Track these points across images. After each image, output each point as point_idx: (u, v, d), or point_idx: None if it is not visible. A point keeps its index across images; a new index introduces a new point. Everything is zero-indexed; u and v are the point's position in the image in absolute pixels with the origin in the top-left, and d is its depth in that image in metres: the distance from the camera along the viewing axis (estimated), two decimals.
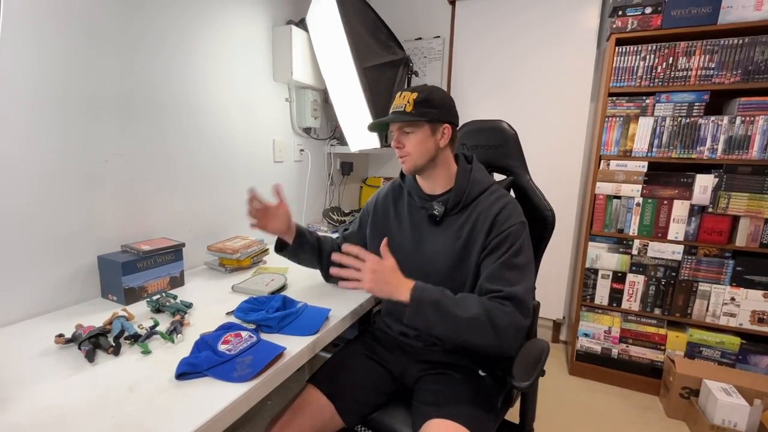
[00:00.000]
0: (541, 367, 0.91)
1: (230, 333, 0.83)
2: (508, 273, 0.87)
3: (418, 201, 1.03)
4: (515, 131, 1.16)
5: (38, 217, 0.98)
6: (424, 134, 0.94)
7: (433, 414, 0.84)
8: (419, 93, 0.93)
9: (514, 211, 0.93)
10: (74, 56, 1.02)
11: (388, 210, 1.09)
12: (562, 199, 2.13)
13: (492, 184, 0.99)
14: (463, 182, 0.97)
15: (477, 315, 0.81)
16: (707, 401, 1.55)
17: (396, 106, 0.95)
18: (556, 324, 2.31)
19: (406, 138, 0.95)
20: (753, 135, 1.58)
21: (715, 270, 1.70)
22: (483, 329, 0.81)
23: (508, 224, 0.90)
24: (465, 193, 0.96)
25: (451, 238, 0.96)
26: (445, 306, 0.82)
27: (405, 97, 0.93)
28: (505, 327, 0.81)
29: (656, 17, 1.64)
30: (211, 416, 0.62)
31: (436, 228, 0.98)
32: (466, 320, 0.81)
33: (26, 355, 0.79)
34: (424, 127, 0.94)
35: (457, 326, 0.82)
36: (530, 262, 0.92)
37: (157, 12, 1.22)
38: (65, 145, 1.02)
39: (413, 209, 1.04)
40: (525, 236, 0.92)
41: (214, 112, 1.47)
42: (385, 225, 1.08)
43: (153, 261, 1.11)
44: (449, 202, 0.97)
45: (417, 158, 0.95)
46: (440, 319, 0.82)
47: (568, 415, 1.71)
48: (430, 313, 0.82)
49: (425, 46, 2.38)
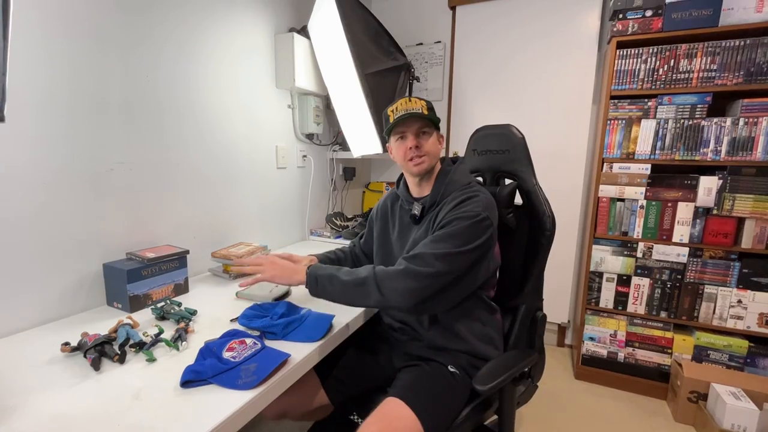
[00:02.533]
0: (510, 375, 0.92)
1: (235, 340, 0.84)
2: (429, 246, 0.90)
3: (405, 204, 1.11)
4: (523, 135, 1.16)
5: (44, 225, 0.98)
6: (436, 137, 1.03)
7: (392, 394, 0.90)
8: (426, 102, 1.00)
9: (477, 205, 0.93)
10: (79, 64, 1.03)
11: (387, 215, 1.17)
12: (565, 202, 2.13)
13: (469, 183, 1.03)
14: (440, 183, 1.03)
15: (365, 277, 0.90)
16: (716, 405, 1.53)
17: (411, 108, 0.98)
18: (561, 328, 2.30)
19: (423, 138, 1.01)
20: (757, 136, 1.57)
21: (722, 272, 1.68)
22: (369, 288, 0.89)
23: (462, 210, 0.93)
24: (440, 194, 1.02)
25: (424, 231, 1.01)
26: (338, 277, 0.93)
27: (416, 102, 0.99)
28: (391, 284, 0.88)
29: (657, 20, 1.64)
30: (217, 424, 0.62)
31: (416, 226, 1.06)
32: (354, 283, 0.91)
33: (32, 364, 0.79)
34: (434, 133, 1.02)
35: (347, 291, 0.92)
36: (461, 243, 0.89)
37: (160, 19, 1.23)
38: (71, 153, 1.03)
39: (403, 212, 1.12)
40: (471, 224, 0.90)
41: (217, 120, 1.48)
42: (385, 229, 1.16)
43: (158, 268, 1.12)
44: (427, 201, 1.03)
45: (433, 158, 1.02)
46: (335, 288, 0.93)
47: (574, 420, 1.69)
48: (327, 284, 0.94)
49: (426, 52, 2.39)
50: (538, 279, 1.12)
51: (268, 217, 1.80)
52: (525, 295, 1.10)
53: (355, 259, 1.29)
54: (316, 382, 1.09)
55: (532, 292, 1.11)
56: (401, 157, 1.03)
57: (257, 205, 1.73)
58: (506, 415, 1.00)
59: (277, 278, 0.98)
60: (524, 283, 1.11)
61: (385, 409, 0.86)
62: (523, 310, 1.10)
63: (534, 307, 1.12)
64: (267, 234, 1.79)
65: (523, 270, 1.13)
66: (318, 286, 0.95)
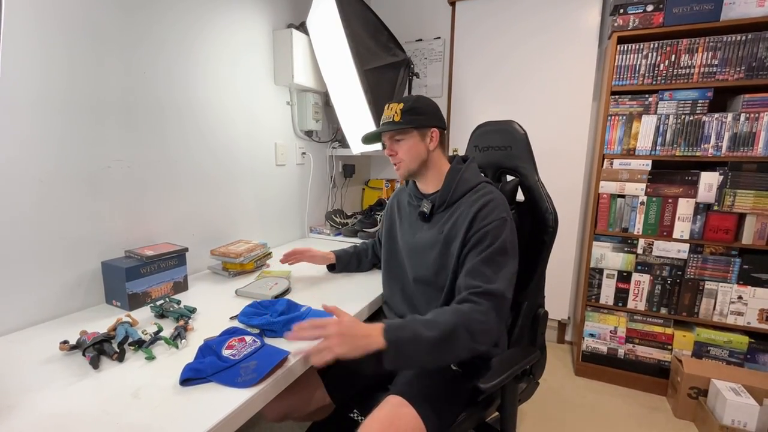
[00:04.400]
0: (512, 372, 0.91)
1: (234, 338, 0.83)
2: (487, 268, 0.88)
3: (414, 200, 1.10)
4: (525, 131, 1.15)
5: (42, 223, 0.98)
6: (414, 140, 1.00)
7: (393, 392, 0.89)
8: (405, 103, 0.99)
9: (496, 208, 0.93)
10: (76, 61, 1.02)
11: (394, 211, 1.18)
12: (565, 198, 2.13)
13: (479, 183, 1.01)
14: (451, 181, 1.01)
15: (454, 325, 0.79)
16: (716, 401, 1.53)
17: (385, 117, 1.01)
18: (561, 324, 2.30)
19: (397, 145, 1.02)
20: (758, 132, 1.56)
21: (722, 268, 1.68)
22: (461, 339, 0.79)
23: (489, 220, 0.91)
24: (451, 192, 1.00)
25: (435, 233, 1.00)
26: (421, 334, 0.78)
27: (392, 108, 1.00)
28: (482, 330, 0.81)
29: (658, 15, 1.63)
30: (216, 422, 0.61)
31: (426, 224, 1.04)
32: (442, 337, 0.78)
33: (31, 362, 0.79)
34: (413, 134, 1.00)
35: (434, 349, 0.78)
36: (511, 257, 0.91)
37: (157, 16, 1.22)
38: (68, 151, 1.02)
39: (411, 208, 1.11)
40: (507, 232, 0.92)
41: (215, 117, 1.47)
42: (392, 224, 1.17)
43: (156, 266, 1.11)
44: (437, 199, 1.02)
45: (410, 163, 1.02)
46: (419, 348, 0.78)
47: (575, 416, 1.69)
48: (410, 347, 0.77)
49: (426, 48, 2.38)
50: (540, 276, 1.12)
51: (267, 214, 1.79)
52: (527, 292, 1.10)
53: (375, 253, 1.37)
54: (317, 381, 1.08)
55: (534, 289, 1.11)
56: None
57: (256, 203, 1.72)
58: (508, 412, 1.00)
59: (350, 353, 0.75)
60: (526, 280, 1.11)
61: (386, 406, 0.85)
62: (525, 307, 1.09)
63: (536, 304, 1.12)
64: (266, 231, 1.79)
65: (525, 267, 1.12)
66: (400, 355, 0.76)
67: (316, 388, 1.07)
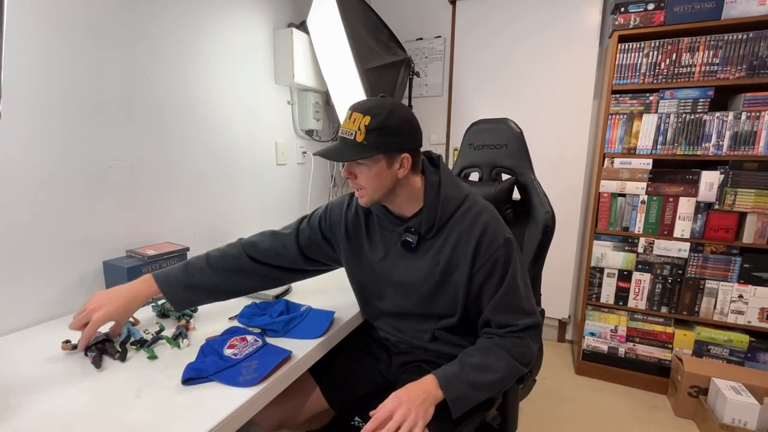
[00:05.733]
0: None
1: (236, 337, 0.84)
2: (514, 299, 0.85)
3: (388, 224, 0.92)
4: (520, 129, 1.15)
5: (43, 223, 0.98)
6: (379, 167, 0.79)
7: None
8: (372, 117, 0.76)
9: (496, 228, 0.85)
10: (76, 60, 1.02)
11: (361, 232, 0.96)
12: (566, 197, 2.13)
13: (465, 197, 0.88)
14: (434, 202, 0.85)
15: (508, 368, 0.81)
16: (716, 400, 1.53)
17: (345, 131, 0.79)
18: (561, 323, 2.30)
19: (357, 169, 0.81)
20: (759, 130, 1.56)
21: (723, 267, 1.68)
22: (515, 373, 0.83)
23: (494, 246, 0.83)
24: (437, 216, 0.85)
25: (429, 264, 0.87)
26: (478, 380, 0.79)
27: (356, 120, 0.77)
28: (528, 358, 0.85)
29: (659, 13, 1.62)
30: (218, 421, 0.62)
31: (412, 255, 0.89)
32: (502, 379, 0.81)
33: (33, 362, 0.79)
34: (379, 159, 0.79)
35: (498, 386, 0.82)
36: (525, 274, 0.90)
37: (158, 15, 1.22)
38: (69, 151, 1.02)
39: (385, 232, 0.93)
40: (514, 251, 0.86)
41: (216, 116, 1.47)
42: (359, 249, 0.96)
43: (158, 266, 1.12)
44: (422, 226, 0.86)
45: (373, 192, 0.83)
46: (482, 392, 0.79)
47: (575, 415, 1.70)
48: (471, 395, 0.78)
49: (426, 47, 2.37)
50: (538, 275, 1.12)
51: (267, 213, 1.79)
52: None
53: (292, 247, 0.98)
54: (313, 386, 1.01)
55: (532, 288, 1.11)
56: None
57: (257, 202, 1.72)
58: (510, 412, 1.00)
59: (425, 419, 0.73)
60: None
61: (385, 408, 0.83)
62: None
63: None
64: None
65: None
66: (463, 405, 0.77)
67: (313, 394, 1.00)
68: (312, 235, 0.98)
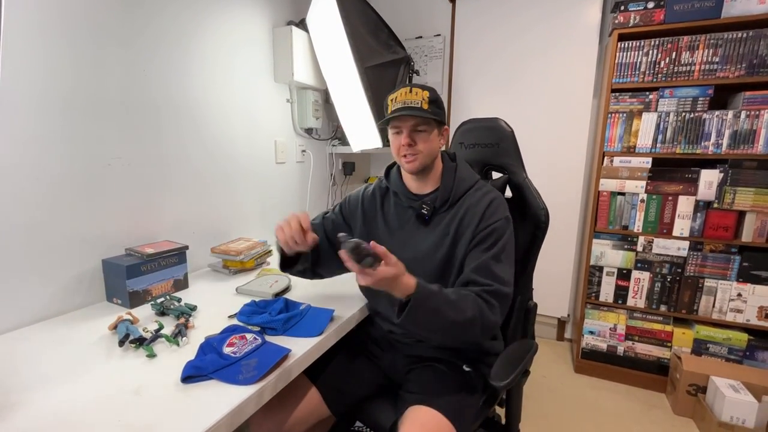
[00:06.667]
0: (522, 368, 0.92)
1: (235, 335, 0.83)
2: (497, 267, 0.88)
3: (404, 201, 1.01)
4: (512, 129, 1.16)
5: (42, 221, 0.98)
6: (434, 134, 0.94)
7: (416, 401, 0.87)
8: (429, 92, 0.91)
9: (500, 206, 0.94)
10: (75, 58, 1.02)
11: (375, 211, 1.06)
12: (565, 196, 2.13)
13: (477, 181, 1.00)
14: (450, 180, 0.98)
15: (473, 317, 0.81)
16: (715, 398, 1.54)
17: (409, 100, 0.90)
18: (560, 322, 2.30)
19: (419, 136, 0.92)
20: (758, 129, 1.56)
21: (722, 266, 1.68)
22: (473, 329, 0.83)
23: (495, 218, 0.92)
24: (452, 191, 0.96)
25: (440, 235, 0.95)
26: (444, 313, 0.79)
27: (418, 93, 0.90)
28: (489, 326, 0.85)
29: (659, 12, 1.62)
30: (218, 419, 0.62)
31: (425, 227, 0.98)
32: (461, 325, 0.81)
33: (32, 360, 0.79)
34: (434, 127, 0.94)
35: (449, 330, 0.82)
36: (512, 257, 0.94)
37: (156, 12, 1.22)
38: (67, 149, 1.02)
39: (399, 209, 1.03)
40: (509, 232, 0.93)
41: (215, 114, 1.47)
42: (373, 226, 1.05)
43: (157, 264, 1.11)
44: (437, 200, 0.97)
45: (426, 157, 0.94)
46: (436, 323, 0.80)
47: (574, 413, 1.70)
48: (428, 319, 0.80)
49: (426, 45, 2.37)
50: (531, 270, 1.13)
51: (267, 212, 1.79)
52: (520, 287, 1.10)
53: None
54: (313, 392, 0.98)
55: (526, 283, 1.12)
56: (395, 151, 0.96)
57: (256, 201, 1.72)
58: (514, 406, 1.01)
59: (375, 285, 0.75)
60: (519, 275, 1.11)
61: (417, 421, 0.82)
62: (518, 302, 1.10)
63: (526, 298, 1.13)
64: (266, 229, 1.79)
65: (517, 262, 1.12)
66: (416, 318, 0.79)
67: (314, 401, 0.97)
68: (335, 218, 1.11)
